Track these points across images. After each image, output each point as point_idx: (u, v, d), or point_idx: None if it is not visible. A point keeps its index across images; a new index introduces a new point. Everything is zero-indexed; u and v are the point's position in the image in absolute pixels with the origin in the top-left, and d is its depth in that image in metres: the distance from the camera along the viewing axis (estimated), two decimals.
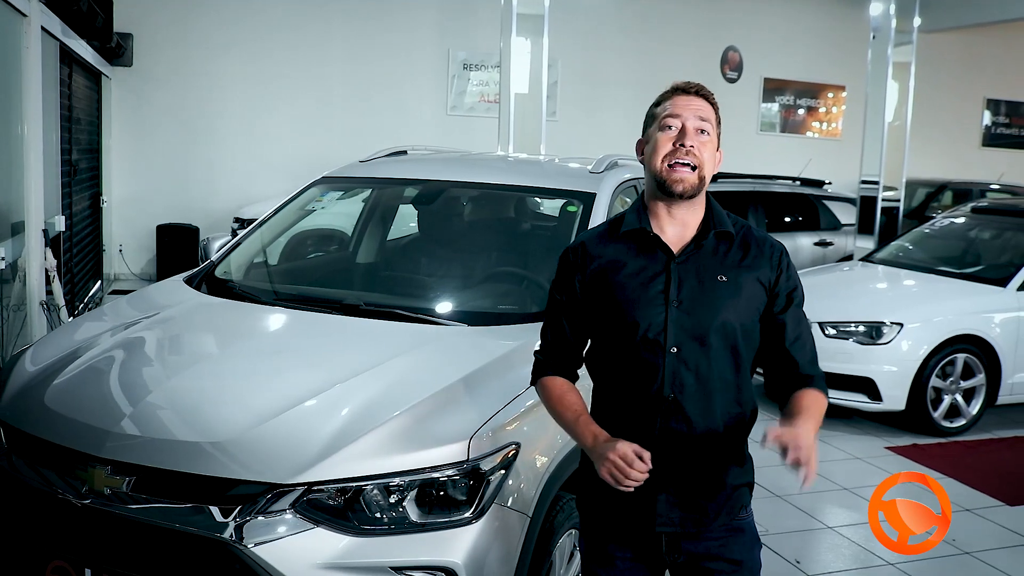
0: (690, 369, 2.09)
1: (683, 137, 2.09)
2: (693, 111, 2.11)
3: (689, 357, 2.09)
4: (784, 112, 15.13)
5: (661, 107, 2.16)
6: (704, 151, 2.11)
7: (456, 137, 11.70)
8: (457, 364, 2.86)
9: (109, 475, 2.47)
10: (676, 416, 2.09)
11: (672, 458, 2.10)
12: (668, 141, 2.11)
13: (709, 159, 2.12)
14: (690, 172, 2.09)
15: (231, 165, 11.81)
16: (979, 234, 7.74)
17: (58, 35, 7.25)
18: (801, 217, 10.11)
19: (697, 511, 2.14)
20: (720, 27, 14.30)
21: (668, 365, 2.09)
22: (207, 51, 11.56)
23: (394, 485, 2.42)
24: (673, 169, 2.09)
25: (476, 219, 4.32)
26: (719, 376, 2.11)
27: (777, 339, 2.19)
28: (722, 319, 2.10)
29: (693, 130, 2.10)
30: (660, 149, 2.11)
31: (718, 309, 2.10)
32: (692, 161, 2.09)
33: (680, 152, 2.09)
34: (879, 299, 6.89)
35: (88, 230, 9.77)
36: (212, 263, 3.93)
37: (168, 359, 3.09)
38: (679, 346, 2.09)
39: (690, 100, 2.13)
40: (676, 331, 2.09)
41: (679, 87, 2.17)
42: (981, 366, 6.40)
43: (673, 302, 2.10)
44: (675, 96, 2.15)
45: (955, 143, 16.42)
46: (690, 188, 2.10)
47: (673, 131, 2.11)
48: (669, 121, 2.11)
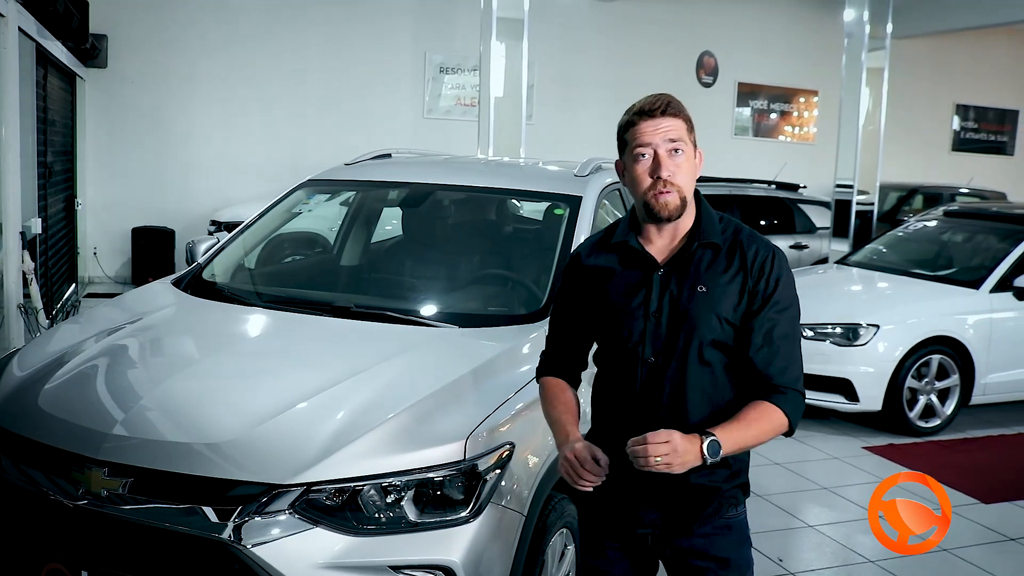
0: (665, 379, 2.12)
1: (658, 168, 2.09)
2: (662, 135, 2.09)
3: (664, 368, 2.12)
4: (757, 116, 15.27)
5: (630, 134, 2.13)
6: (680, 174, 2.10)
7: (433, 140, 11.72)
8: (450, 366, 2.89)
9: (106, 477, 2.46)
10: (653, 423, 2.08)
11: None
12: (644, 174, 2.11)
13: (687, 179, 2.12)
14: (671, 195, 2.10)
15: (207, 167, 11.74)
16: (951, 237, 7.86)
17: (34, 36, 7.19)
18: (776, 220, 10.22)
19: (676, 514, 2.17)
20: (696, 32, 14.41)
21: (644, 375, 2.13)
22: (182, 53, 11.49)
23: (392, 485, 2.44)
24: (657, 198, 2.10)
25: (463, 222, 4.35)
26: (694, 385, 2.12)
27: (744, 344, 2.13)
28: (698, 330, 2.10)
29: (666, 155, 2.09)
30: (639, 182, 2.12)
31: (695, 321, 2.10)
32: (671, 189, 2.10)
33: (659, 184, 2.09)
34: (855, 301, 6.99)
35: (62, 233, 9.67)
36: (199, 266, 3.92)
37: (162, 361, 3.09)
38: (656, 356, 2.12)
39: (657, 123, 2.10)
40: (652, 342, 2.12)
41: (644, 110, 2.11)
42: (955, 367, 6.50)
43: (653, 313, 2.13)
44: (641, 122, 2.11)
45: (926, 147, 16.65)
46: (675, 211, 2.12)
47: (647, 160, 2.10)
48: (640, 151, 2.10)
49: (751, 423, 2.08)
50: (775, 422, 2.10)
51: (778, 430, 2.13)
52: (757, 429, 2.08)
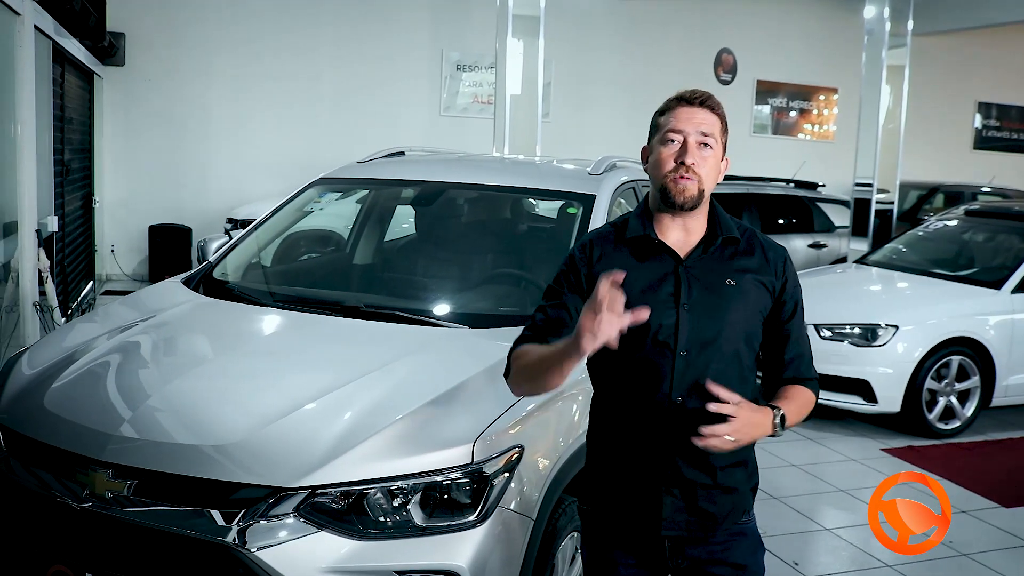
0: (698, 372, 2.08)
1: (684, 154, 2.08)
2: (696, 125, 2.09)
3: (698, 360, 2.08)
4: (776, 114, 15.16)
5: (664, 118, 2.13)
6: (704, 166, 2.09)
7: (449, 138, 11.69)
8: (460, 367, 2.85)
9: (110, 479, 2.45)
10: (683, 419, 2.07)
11: (679, 462, 2.10)
12: (670, 157, 2.09)
13: (710, 173, 2.11)
14: (691, 183, 2.08)
15: (224, 165, 11.77)
16: (972, 237, 7.77)
17: (51, 34, 7.21)
18: (795, 219, 10.12)
19: (704, 515, 2.13)
20: (714, 29, 14.32)
21: (677, 368, 2.08)
22: (199, 51, 11.52)
23: (398, 488, 2.41)
24: (676, 181, 2.08)
25: (475, 220, 4.31)
26: (725, 380, 2.09)
27: (781, 346, 2.22)
28: (730, 323, 2.10)
29: (695, 145, 2.08)
30: (662, 164, 2.10)
31: (727, 312, 2.10)
32: (693, 177, 2.08)
33: (681, 170, 2.08)
34: (874, 301, 6.91)
35: (80, 231, 9.70)
36: (210, 264, 3.91)
37: (168, 361, 3.06)
38: (688, 349, 2.08)
39: (694, 112, 2.10)
40: (686, 334, 2.08)
41: (684, 97, 2.13)
42: (976, 368, 6.41)
43: (684, 305, 2.09)
44: (679, 107, 2.12)
45: (947, 146, 16.49)
46: (691, 200, 2.09)
47: (675, 145, 2.09)
48: (671, 135, 2.09)
49: (801, 404, 2.18)
50: (810, 407, 2.23)
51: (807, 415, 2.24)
52: (804, 411, 2.19)
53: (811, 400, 2.22)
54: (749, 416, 1.99)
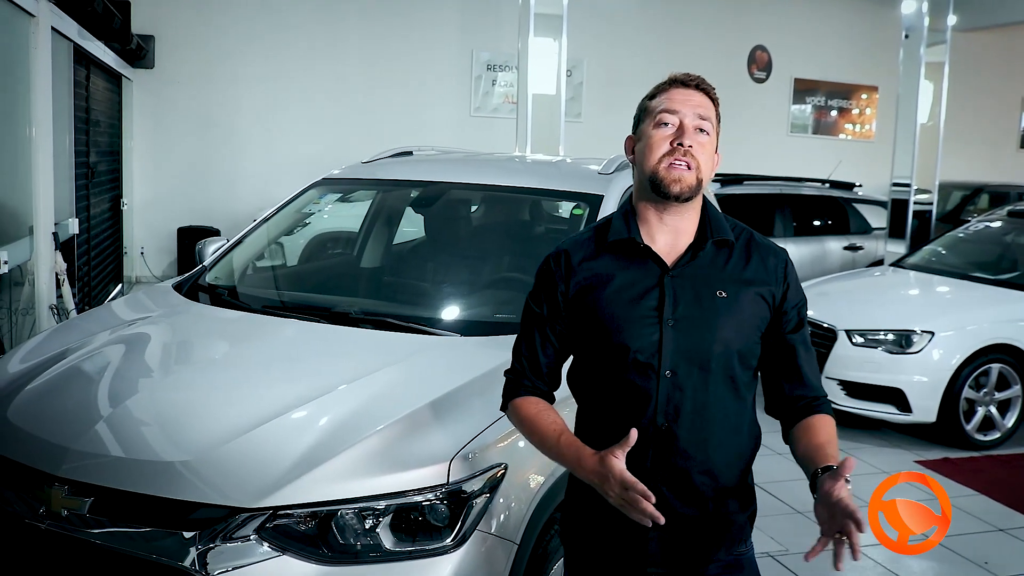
0: (686, 395, 1.88)
1: (681, 136, 1.89)
2: (692, 107, 1.91)
3: (685, 382, 1.88)
4: (816, 113, 14.83)
5: (656, 100, 1.95)
6: (702, 153, 1.90)
7: (477, 138, 11.56)
8: (445, 378, 2.67)
9: (67, 496, 2.30)
10: (670, 447, 1.89)
11: (665, 492, 1.90)
12: (664, 140, 1.90)
13: (707, 162, 1.91)
14: (688, 171, 1.88)
15: (252, 166, 11.74)
16: (1016, 239, 7.45)
17: (72, 36, 7.17)
18: (830, 220, 9.83)
19: (694, 549, 1.94)
20: (747, 26, 14.04)
21: (662, 390, 1.88)
22: (227, 53, 11.50)
23: (368, 510, 2.24)
24: (671, 168, 1.88)
25: (478, 222, 4.14)
26: (717, 402, 1.91)
27: (787, 360, 1.99)
28: (722, 339, 1.89)
29: (692, 128, 1.90)
30: (655, 148, 1.90)
31: (718, 328, 1.89)
32: (690, 162, 1.88)
33: (678, 152, 1.88)
34: (909, 306, 6.64)
35: (107, 233, 9.72)
36: (203, 268, 3.78)
37: (136, 371, 2.90)
38: (674, 370, 1.88)
39: (689, 94, 1.93)
40: (671, 353, 1.88)
41: (677, 79, 1.96)
42: (1017, 377, 6.13)
43: (668, 320, 1.89)
44: (672, 89, 1.94)
45: (992, 145, 16.02)
46: (687, 190, 1.89)
47: (670, 128, 1.90)
48: (666, 117, 1.91)
49: (833, 437, 1.96)
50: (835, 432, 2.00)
51: None
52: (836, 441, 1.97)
53: (834, 425, 2.00)
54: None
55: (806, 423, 1.96)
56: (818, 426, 1.95)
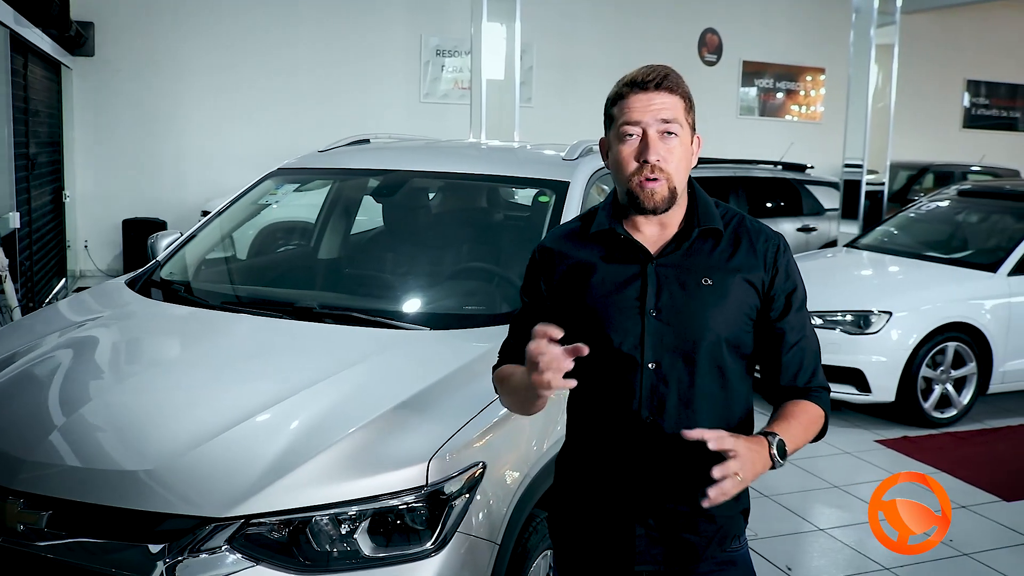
0: (670, 387, 1.82)
1: (646, 151, 1.80)
2: (654, 113, 1.80)
3: (669, 373, 1.82)
4: (763, 95, 14.91)
5: (617, 108, 1.84)
6: (672, 160, 1.81)
7: (429, 125, 11.41)
8: (416, 375, 2.59)
9: (23, 510, 2.17)
10: (655, 440, 1.82)
11: (652, 486, 1.85)
12: (631, 156, 1.81)
13: (679, 166, 1.83)
14: (659, 185, 1.80)
15: (199, 156, 11.47)
16: (966, 218, 7.53)
17: (8, 23, 6.91)
18: (783, 202, 9.88)
19: (684, 546, 1.88)
20: (698, 8, 14.04)
21: (645, 383, 1.82)
22: (172, 39, 11.19)
23: (344, 515, 2.15)
24: (643, 186, 1.81)
25: (441, 211, 4.04)
26: (705, 394, 1.84)
27: (775, 348, 1.91)
28: (708, 329, 1.82)
29: (656, 136, 1.80)
30: (624, 166, 1.82)
31: (703, 318, 1.82)
32: (659, 176, 1.80)
33: (646, 170, 1.80)
34: (866, 287, 6.68)
35: (50, 226, 9.43)
36: (157, 263, 3.63)
37: (95, 374, 2.77)
38: (657, 361, 1.82)
39: (649, 98, 1.81)
40: (654, 344, 1.82)
41: (636, 81, 1.82)
42: (972, 354, 6.20)
43: (650, 311, 1.82)
44: (631, 95, 1.82)
45: (936, 125, 16.26)
46: (662, 203, 1.82)
47: (634, 140, 1.81)
48: (628, 129, 1.81)
49: (804, 424, 1.86)
50: (819, 424, 1.90)
51: (818, 433, 1.92)
52: (809, 431, 1.88)
53: (818, 416, 1.90)
54: (746, 448, 1.68)
55: (782, 405, 1.90)
56: (788, 406, 1.88)
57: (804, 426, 1.86)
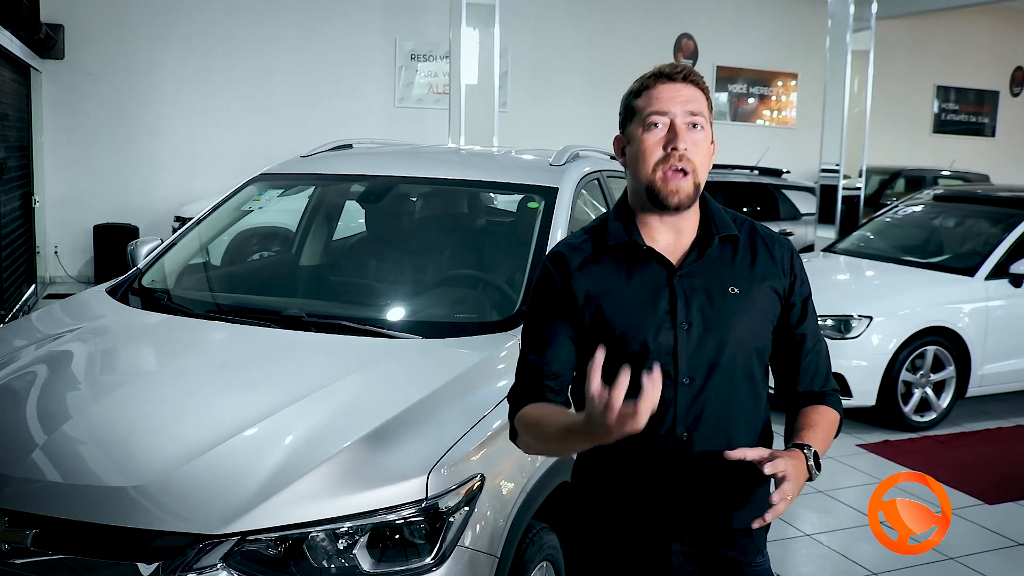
0: (707, 402, 1.77)
1: (675, 139, 1.74)
2: (682, 103, 1.75)
3: (705, 388, 1.77)
4: (734, 100, 14.97)
5: (643, 98, 1.78)
6: (698, 152, 1.76)
7: (405, 129, 11.37)
8: (411, 385, 2.53)
9: (7, 528, 2.10)
10: (691, 457, 1.78)
11: (689, 503, 1.81)
12: (657, 145, 1.75)
13: (703, 161, 1.78)
14: (685, 179, 1.75)
15: (171, 161, 11.32)
16: (942, 223, 7.59)
17: None
18: (760, 207, 9.94)
19: (719, 561, 1.85)
20: (673, 14, 14.08)
21: (680, 399, 1.77)
22: (144, 42, 11.04)
23: (342, 531, 2.10)
24: (667, 179, 1.75)
25: (428, 218, 3.98)
26: (739, 406, 1.80)
27: (794, 354, 1.89)
28: (738, 339, 1.78)
29: (684, 127, 1.75)
30: (649, 155, 1.76)
31: (733, 327, 1.78)
32: (687, 167, 1.75)
33: (673, 159, 1.74)
34: (846, 292, 6.71)
35: (19, 232, 9.27)
36: (139, 271, 3.55)
37: (80, 387, 2.69)
38: (691, 376, 1.77)
39: (678, 89, 1.76)
40: (688, 358, 1.76)
41: (664, 72, 1.78)
42: (951, 358, 6.24)
43: (682, 324, 1.76)
44: (658, 85, 1.77)
45: (907, 130, 16.41)
46: (686, 199, 1.77)
47: (661, 130, 1.75)
48: (655, 118, 1.75)
49: (826, 431, 1.85)
50: (836, 427, 1.90)
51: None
52: (830, 436, 1.87)
53: (836, 420, 1.89)
54: (793, 467, 1.65)
55: (801, 411, 1.88)
56: (809, 413, 1.86)
57: (827, 432, 1.85)
